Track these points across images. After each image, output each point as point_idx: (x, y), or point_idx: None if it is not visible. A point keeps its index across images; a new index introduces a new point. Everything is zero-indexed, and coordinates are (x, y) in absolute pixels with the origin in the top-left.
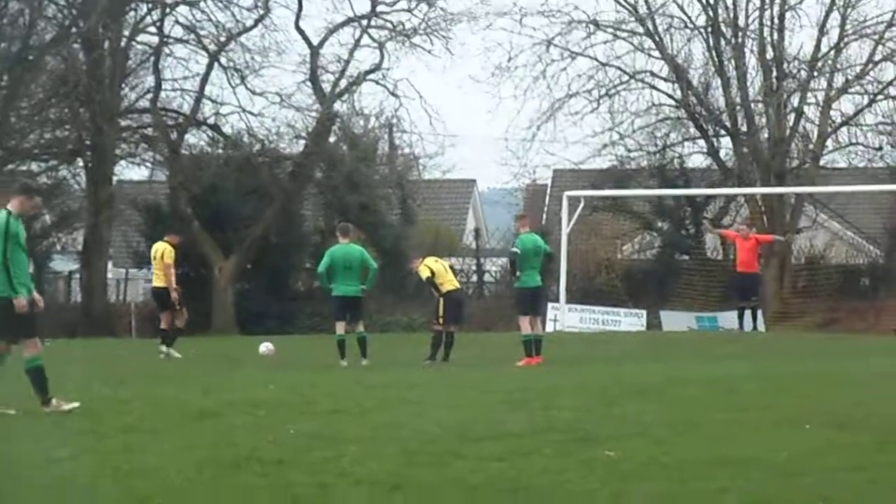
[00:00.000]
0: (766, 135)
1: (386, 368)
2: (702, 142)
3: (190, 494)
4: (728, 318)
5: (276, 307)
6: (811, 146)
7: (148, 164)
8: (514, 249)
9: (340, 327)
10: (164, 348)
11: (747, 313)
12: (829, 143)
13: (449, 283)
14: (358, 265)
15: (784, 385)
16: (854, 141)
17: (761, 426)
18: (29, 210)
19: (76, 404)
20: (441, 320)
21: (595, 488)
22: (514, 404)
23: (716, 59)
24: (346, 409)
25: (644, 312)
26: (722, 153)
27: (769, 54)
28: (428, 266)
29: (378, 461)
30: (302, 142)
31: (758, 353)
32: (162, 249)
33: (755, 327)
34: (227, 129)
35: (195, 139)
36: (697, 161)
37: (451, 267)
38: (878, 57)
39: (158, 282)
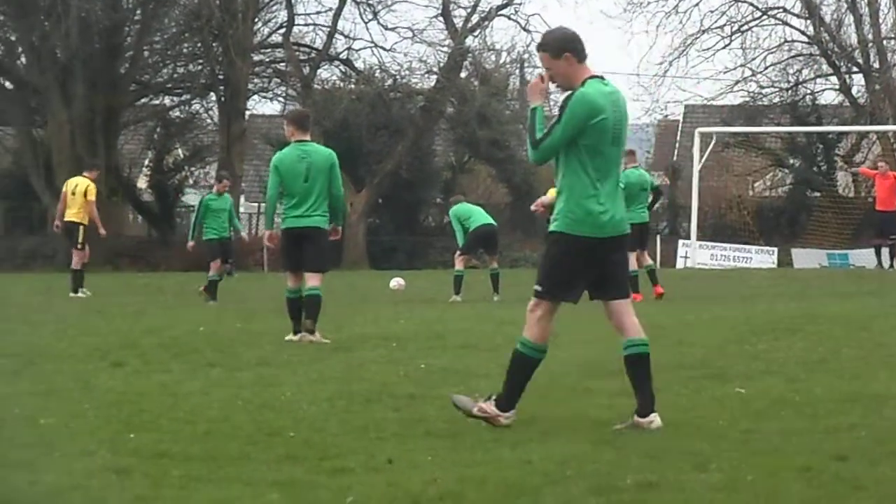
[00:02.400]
0: None
1: (515, 304)
2: (834, 78)
3: (322, 428)
4: (859, 256)
5: (406, 242)
6: None
7: (280, 99)
8: (619, 184)
9: (461, 262)
10: (80, 293)
11: (884, 250)
12: None
13: None
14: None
15: None
16: None
17: (893, 364)
18: None
19: (328, 341)
20: None
21: (725, 425)
22: None
23: None
24: (476, 345)
25: (775, 250)
26: (854, 90)
27: None
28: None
29: None
30: (433, 77)
31: (890, 290)
32: (85, 186)
33: (892, 265)
34: (359, 65)
35: (327, 74)
36: (829, 98)
37: None
38: None
39: (74, 216)
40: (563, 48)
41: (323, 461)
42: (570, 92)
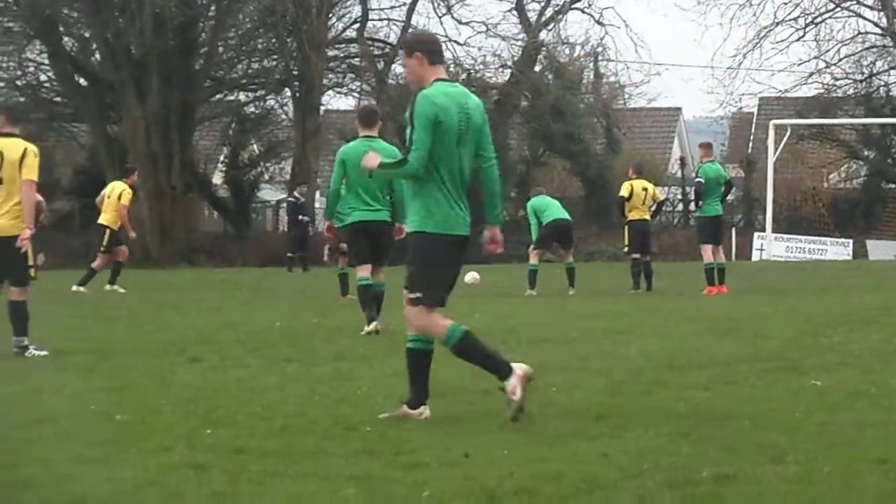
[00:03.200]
0: None
1: (591, 298)
2: None
3: (398, 422)
4: None
5: (481, 236)
6: None
7: (355, 94)
8: (699, 179)
9: (535, 256)
10: (84, 289)
11: None
12: None
13: (636, 211)
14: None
15: None
16: None
17: None
18: None
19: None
20: (626, 249)
21: (801, 418)
22: (720, 333)
23: None
24: (551, 339)
25: (850, 241)
26: None
27: None
28: (630, 186)
29: (583, 391)
30: (507, 71)
31: None
32: (120, 190)
33: None
34: None
35: (402, 69)
36: None
37: (663, 201)
38: None
39: (103, 219)
40: (414, 48)
41: (399, 456)
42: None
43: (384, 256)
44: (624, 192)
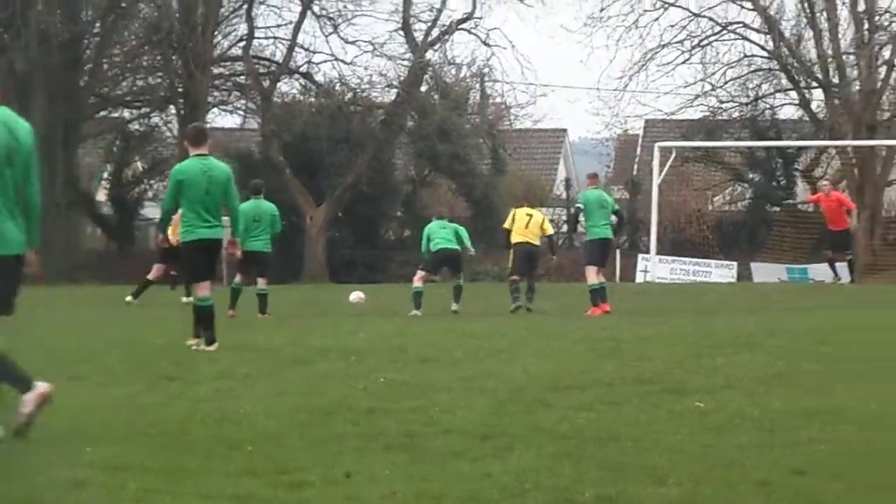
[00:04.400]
0: (857, 87)
1: (476, 318)
2: (793, 93)
3: (281, 441)
4: (819, 270)
5: (366, 256)
6: None
7: (240, 112)
8: (578, 205)
9: (420, 280)
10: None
11: (838, 265)
12: None
13: (519, 235)
14: (452, 231)
15: (875, 337)
16: None
17: (852, 378)
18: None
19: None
20: (510, 270)
21: (684, 439)
22: (604, 354)
23: (808, 10)
24: (436, 358)
25: (735, 264)
26: (813, 105)
27: (861, 6)
28: (512, 214)
29: (467, 410)
30: (394, 91)
31: (848, 304)
32: None
33: (852, 279)
34: (319, 78)
35: (287, 87)
36: (789, 112)
37: (544, 227)
38: None
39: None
40: None
41: (282, 475)
42: None
43: (213, 273)
44: (507, 223)
